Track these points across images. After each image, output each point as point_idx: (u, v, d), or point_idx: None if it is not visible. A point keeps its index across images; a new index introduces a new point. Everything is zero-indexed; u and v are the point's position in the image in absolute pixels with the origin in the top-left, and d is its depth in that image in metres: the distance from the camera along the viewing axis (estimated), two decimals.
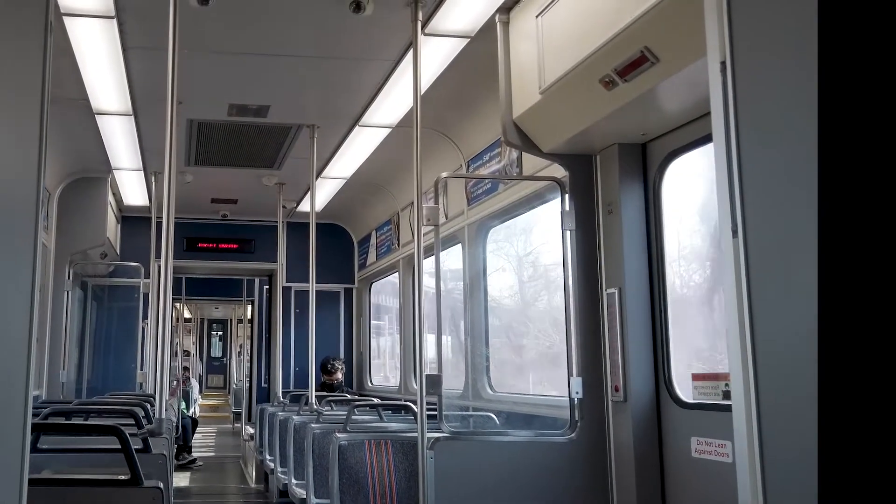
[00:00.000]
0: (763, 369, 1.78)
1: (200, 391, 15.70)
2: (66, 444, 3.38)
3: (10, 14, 1.68)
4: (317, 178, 6.31)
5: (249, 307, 12.44)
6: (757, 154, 1.77)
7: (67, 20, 3.94)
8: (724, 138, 1.83)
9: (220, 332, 23.44)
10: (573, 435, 3.58)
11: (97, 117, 5.39)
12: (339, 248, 8.67)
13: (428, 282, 4.36)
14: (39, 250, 1.65)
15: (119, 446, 2.77)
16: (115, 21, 3.97)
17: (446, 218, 5.64)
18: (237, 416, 14.93)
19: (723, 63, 1.84)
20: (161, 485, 2.47)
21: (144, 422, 3.68)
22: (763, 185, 1.76)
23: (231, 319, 20.24)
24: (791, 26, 1.69)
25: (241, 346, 18.30)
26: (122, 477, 2.48)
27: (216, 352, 23.59)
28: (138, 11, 3.92)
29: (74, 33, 4.09)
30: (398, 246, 7.27)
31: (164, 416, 3.32)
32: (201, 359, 21.98)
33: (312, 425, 5.05)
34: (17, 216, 1.62)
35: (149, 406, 4.25)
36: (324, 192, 7.28)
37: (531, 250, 5.61)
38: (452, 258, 5.71)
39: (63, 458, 3.13)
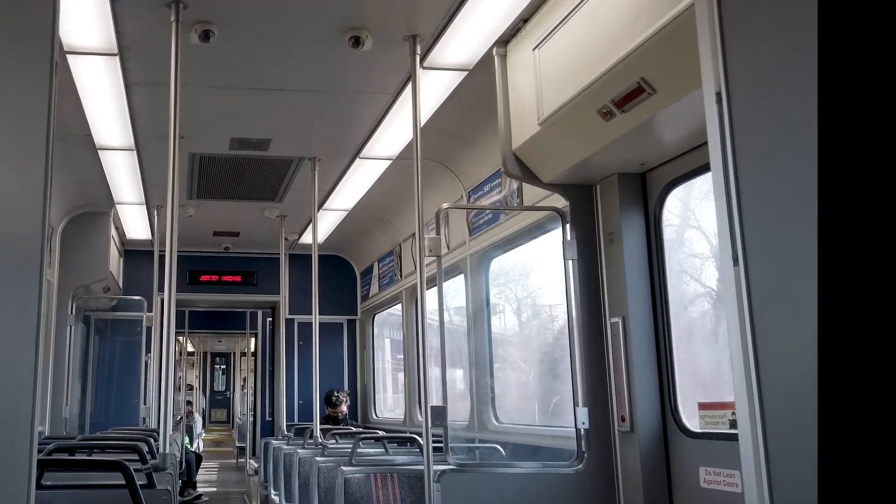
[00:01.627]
0: (768, 397, 1.77)
1: (204, 425, 15.61)
2: (69, 481, 3.37)
3: (16, 52, 1.71)
4: (318, 211, 6.34)
5: (253, 340, 12.41)
6: (755, 182, 1.78)
7: (71, 58, 3.99)
8: (721, 167, 1.84)
9: (223, 366, 23.35)
10: (580, 466, 3.56)
11: (100, 152, 5.44)
12: (342, 280, 8.68)
13: (431, 313, 4.35)
14: (44, 287, 1.65)
15: (123, 482, 2.76)
16: (117, 58, 4.02)
17: (448, 248, 5.65)
18: (241, 450, 14.83)
19: (718, 94, 1.86)
20: None
21: (148, 457, 3.66)
22: (762, 213, 1.77)
23: (234, 353, 20.18)
24: (785, 55, 1.71)
25: (244, 380, 18.23)
26: None
27: (219, 385, 23.47)
28: (140, 49, 3.97)
29: (78, 71, 4.14)
30: (401, 277, 7.28)
31: (168, 450, 3.30)
32: (204, 393, 21.87)
33: (317, 459, 5.03)
34: (22, 253, 1.63)
35: (152, 441, 4.23)
36: (325, 224, 7.30)
37: (529, 293, 5.62)
38: (455, 293, 5.69)
39: (67, 495, 3.11)
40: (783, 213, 1.73)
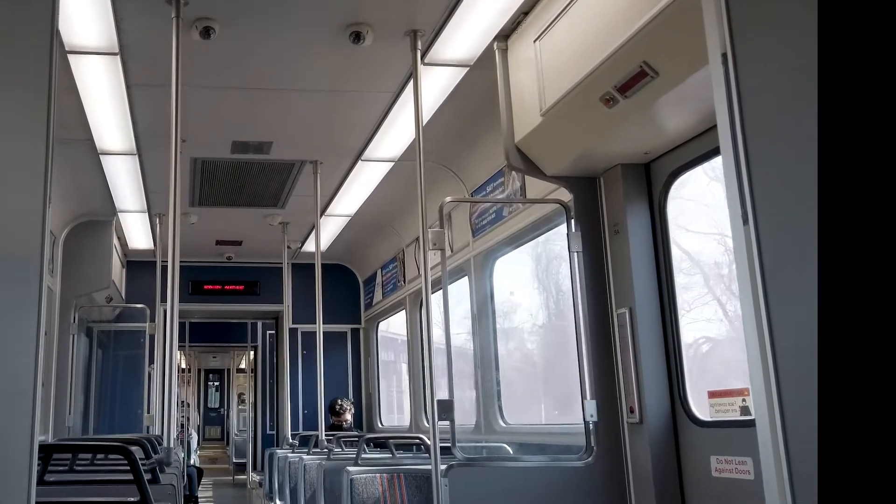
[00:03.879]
0: (783, 362, 1.73)
1: (198, 442, 15.55)
2: (73, 478, 3.33)
3: (15, 53, 1.69)
4: (321, 216, 6.32)
5: (251, 354, 12.35)
6: (762, 141, 1.76)
7: (72, 58, 3.99)
8: (728, 128, 1.82)
9: (216, 383, 23.37)
10: (590, 459, 3.51)
11: (102, 157, 5.43)
12: (345, 289, 8.65)
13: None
14: (45, 294, 1.64)
15: (125, 479, 2.72)
16: (118, 58, 4.02)
17: (451, 251, 5.62)
18: (238, 466, 14.80)
19: (724, 55, 1.84)
20: None
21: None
22: (771, 172, 1.75)
23: (230, 369, 20.10)
24: (790, 15, 1.69)
25: (240, 395, 18.23)
26: (132, 499, 2.42)
27: (213, 402, 23.46)
28: (141, 47, 3.97)
29: (79, 71, 4.14)
30: (404, 283, 7.25)
31: (172, 445, 3.26)
32: (198, 410, 21.80)
33: (323, 462, 4.98)
34: (22, 259, 1.62)
35: (156, 443, 4.19)
36: (328, 231, 7.28)
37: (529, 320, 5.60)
38: (460, 321, 5.60)
39: (70, 490, 3.07)
40: (791, 171, 1.70)
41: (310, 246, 7.59)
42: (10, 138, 1.66)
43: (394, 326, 8.40)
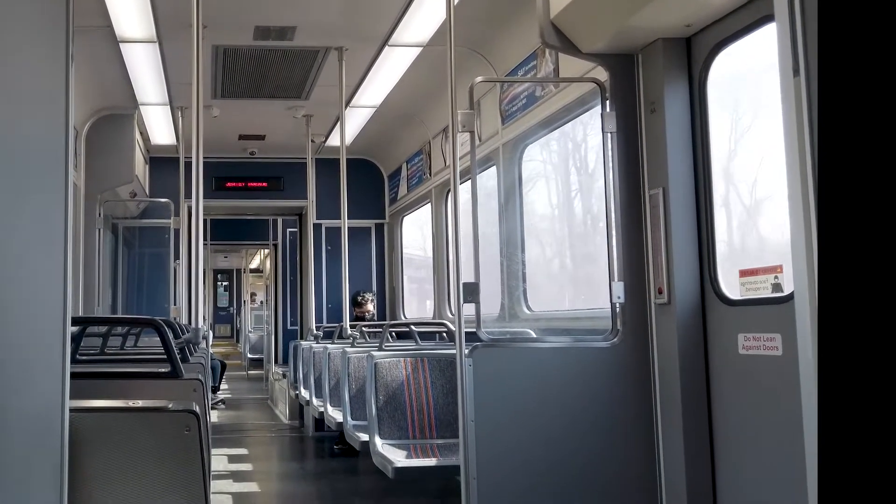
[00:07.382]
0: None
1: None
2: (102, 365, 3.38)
3: None
4: (346, 108, 6.22)
5: (264, 252, 12.21)
6: None
7: None
8: None
9: (225, 283, 23.89)
10: (615, 340, 3.50)
11: (122, 46, 5.32)
12: (369, 184, 8.59)
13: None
14: (71, 184, 1.63)
15: (155, 358, 2.75)
16: None
17: (480, 140, 5.52)
18: (252, 362, 15.19)
19: None
20: (201, 377, 2.43)
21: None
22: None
23: (240, 269, 20.39)
24: None
25: (253, 295, 18.53)
26: (162, 370, 2.45)
27: (222, 302, 24.06)
28: None
29: None
30: (430, 175, 7.18)
31: (200, 325, 3.28)
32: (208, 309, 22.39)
33: (348, 350, 5.06)
34: (47, 151, 1.60)
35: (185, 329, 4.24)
36: (353, 123, 7.17)
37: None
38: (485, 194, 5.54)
39: (101, 366, 3.12)
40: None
41: (334, 140, 7.51)
42: (28, 25, 1.61)
43: (406, 248, 8.43)
